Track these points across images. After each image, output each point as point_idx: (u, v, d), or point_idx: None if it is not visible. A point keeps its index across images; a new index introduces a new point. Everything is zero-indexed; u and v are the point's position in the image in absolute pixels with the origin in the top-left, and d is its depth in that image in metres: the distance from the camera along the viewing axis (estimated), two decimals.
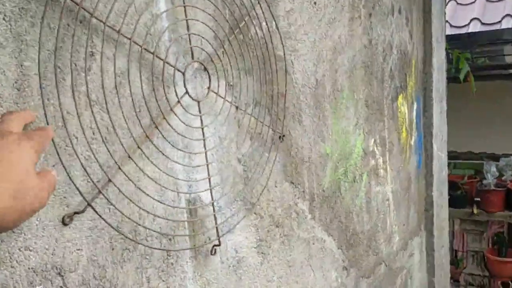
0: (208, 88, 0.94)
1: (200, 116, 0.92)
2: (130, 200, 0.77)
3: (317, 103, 1.35)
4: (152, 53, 0.79)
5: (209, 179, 0.93)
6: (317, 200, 1.38)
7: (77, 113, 0.69)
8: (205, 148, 0.93)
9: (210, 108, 0.95)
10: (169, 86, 0.85)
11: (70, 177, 0.68)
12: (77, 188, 0.69)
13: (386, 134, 1.90)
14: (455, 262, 4.09)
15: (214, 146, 0.98)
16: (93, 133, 0.72)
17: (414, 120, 2.27)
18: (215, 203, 0.96)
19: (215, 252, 0.96)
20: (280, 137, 1.18)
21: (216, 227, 0.95)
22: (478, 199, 3.93)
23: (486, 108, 4.76)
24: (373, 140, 1.77)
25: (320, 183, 1.40)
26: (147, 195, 0.80)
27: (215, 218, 0.95)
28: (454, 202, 3.62)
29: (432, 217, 2.49)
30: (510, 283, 4.08)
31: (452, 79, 3.33)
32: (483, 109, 4.77)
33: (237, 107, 1.03)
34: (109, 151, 0.74)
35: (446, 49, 2.68)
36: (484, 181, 3.84)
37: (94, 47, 0.71)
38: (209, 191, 0.94)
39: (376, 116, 1.78)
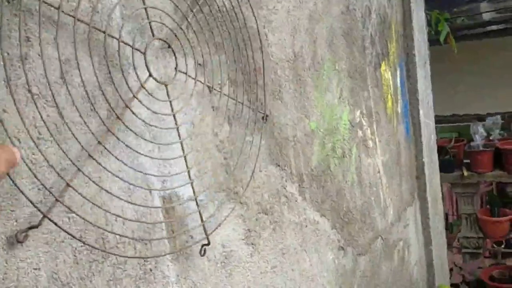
0: (175, 68, 0.83)
1: (170, 101, 0.81)
2: (94, 204, 0.67)
3: (297, 77, 1.25)
4: (104, 32, 0.68)
5: (189, 171, 0.83)
6: (306, 180, 1.30)
7: (17, 110, 0.58)
8: (179, 138, 0.82)
9: (180, 91, 0.85)
10: (129, 69, 0.75)
11: (18, 187, 0.58)
12: (28, 199, 0.58)
13: (372, 104, 1.81)
14: (448, 227, 4.06)
15: (188, 134, 0.88)
16: (39, 132, 0.61)
17: (399, 87, 2.19)
18: (197, 198, 0.86)
19: (204, 252, 0.86)
20: (263, 117, 1.08)
21: (203, 225, 0.85)
22: (468, 161, 3.88)
23: (468, 68, 4.70)
24: (359, 111, 1.68)
25: (308, 162, 1.31)
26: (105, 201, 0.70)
27: (201, 215, 0.85)
28: (442, 166, 3.56)
29: (425, 184, 2.42)
30: (503, 242, 4.08)
31: (431, 42, 3.24)
32: (465, 70, 4.71)
33: (210, 88, 0.92)
34: (63, 150, 0.63)
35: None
36: (472, 143, 3.79)
37: (29, 31, 0.60)
38: (187, 185, 0.85)
39: (360, 86, 1.69)
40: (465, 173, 3.82)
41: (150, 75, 0.76)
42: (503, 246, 4.07)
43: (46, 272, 0.61)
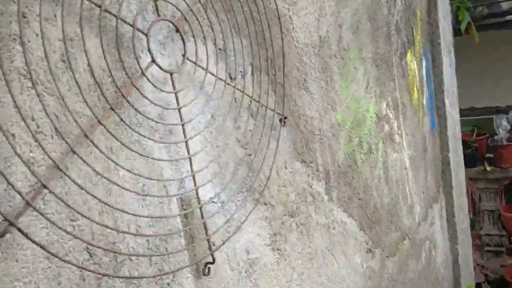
0: (184, 55, 0.72)
1: (175, 93, 0.70)
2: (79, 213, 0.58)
3: (323, 65, 1.15)
4: (100, 7, 0.57)
5: (193, 175, 0.71)
6: (333, 178, 1.19)
7: (12, 98, 0.48)
8: (184, 136, 0.71)
9: (189, 81, 0.74)
10: (129, 53, 0.64)
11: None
12: None
13: (398, 95, 1.70)
14: (470, 223, 3.91)
15: (205, 127, 0.77)
16: (37, 125, 0.52)
17: (424, 77, 2.07)
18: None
19: (208, 271, 0.74)
20: (281, 119, 0.96)
21: (208, 240, 0.74)
22: (491, 155, 3.73)
23: (486, 60, 4.54)
24: (385, 102, 1.57)
25: (334, 158, 1.20)
26: (113, 207, 0.60)
27: (205, 228, 0.73)
28: (464, 161, 3.42)
29: (450, 178, 2.30)
30: None
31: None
32: (482, 61, 4.55)
33: (224, 80, 0.81)
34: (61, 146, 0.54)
35: None
36: (496, 137, 3.64)
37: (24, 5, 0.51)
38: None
39: (386, 76, 1.58)
40: (488, 168, 3.67)
41: (153, 61, 0.66)
42: None
43: None
